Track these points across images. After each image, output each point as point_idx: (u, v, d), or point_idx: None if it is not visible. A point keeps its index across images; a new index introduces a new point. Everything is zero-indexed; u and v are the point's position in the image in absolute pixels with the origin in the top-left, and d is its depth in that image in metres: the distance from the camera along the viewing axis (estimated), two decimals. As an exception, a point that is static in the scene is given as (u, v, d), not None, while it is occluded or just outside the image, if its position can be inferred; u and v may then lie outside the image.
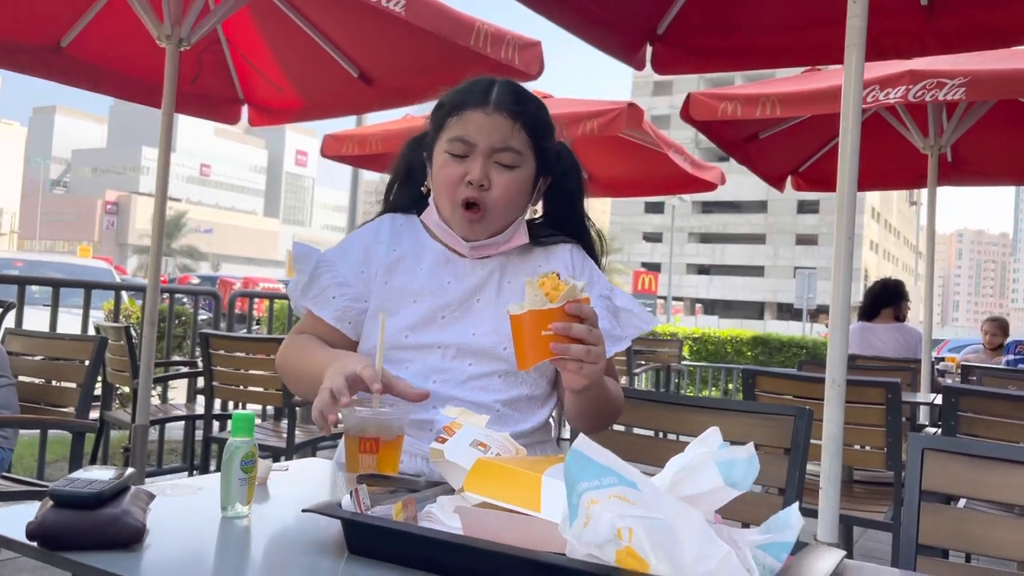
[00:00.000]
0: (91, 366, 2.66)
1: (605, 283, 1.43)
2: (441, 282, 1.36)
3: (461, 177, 1.31)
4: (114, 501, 0.82)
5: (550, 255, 1.42)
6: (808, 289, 24.67)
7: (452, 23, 3.26)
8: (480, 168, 1.30)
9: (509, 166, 1.33)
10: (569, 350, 1.07)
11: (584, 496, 0.65)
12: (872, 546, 4.11)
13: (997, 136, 5.00)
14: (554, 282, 1.07)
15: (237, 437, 0.97)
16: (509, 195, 1.33)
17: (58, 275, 8.91)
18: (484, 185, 1.31)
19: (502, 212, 1.35)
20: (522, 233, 1.40)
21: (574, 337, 1.07)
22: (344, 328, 1.36)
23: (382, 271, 1.37)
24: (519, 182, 1.34)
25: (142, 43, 3.59)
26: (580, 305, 1.08)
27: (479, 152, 1.31)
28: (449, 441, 0.97)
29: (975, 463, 1.22)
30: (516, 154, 1.33)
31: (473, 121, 1.31)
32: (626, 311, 1.40)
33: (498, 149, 1.31)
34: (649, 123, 5.29)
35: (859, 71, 2.30)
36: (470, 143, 1.31)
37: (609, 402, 1.33)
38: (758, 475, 1.62)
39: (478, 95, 1.33)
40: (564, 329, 1.06)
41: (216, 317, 5.36)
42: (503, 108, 1.32)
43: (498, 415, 1.31)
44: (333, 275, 1.36)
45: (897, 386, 2.77)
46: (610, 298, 1.41)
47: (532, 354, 1.07)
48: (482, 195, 1.31)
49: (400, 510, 0.82)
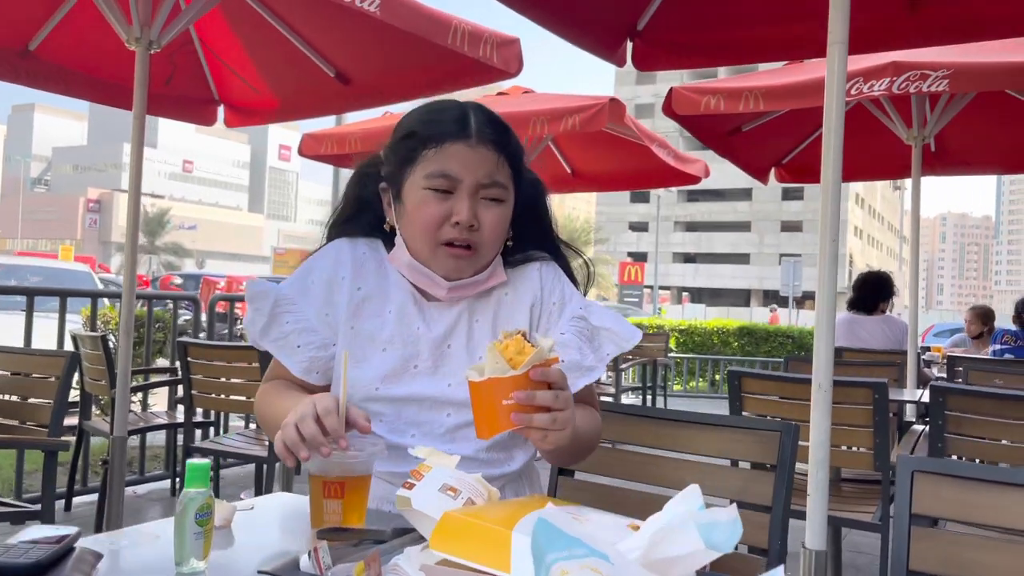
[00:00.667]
0: (62, 383, 2.59)
1: (580, 301, 1.34)
2: (411, 328, 1.27)
3: (445, 217, 1.21)
4: (54, 569, 0.77)
5: (517, 282, 1.33)
6: (793, 277, 24.74)
7: (428, 22, 3.20)
8: (468, 208, 1.21)
9: (496, 200, 1.24)
10: (532, 420, 1.01)
11: (554, 567, 0.61)
12: (861, 541, 4.10)
13: (979, 126, 5.01)
14: (519, 345, 1.00)
15: (191, 488, 0.91)
16: (497, 233, 1.25)
17: (37, 278, 8.80)
18: (473, 225, 1.22)
19: (490, 251, 1.27)
20: (500, 271, 1.31)
21: (539, 405, 1.01)
22: (312, 379, 1.28)
23: (347, 314, 1.28)
24: (505, 217, 1.27)
25: (112, 45, 3.51)
26: (546, 370, 1.02)
27: (465, 189, 1.21)
28: (417, 487, 0.92)
29: (966, 485, 1.18)
30: (502, 188, 1.25)
31: (456, 155, 1.21)
32: (605, 330, 1.31)
33: (485, 185, 1.22)
34: (631, 117, 5.24)
35: (842, 68, 2.26)
36: (455, 179, 1.21)
37: (582, 447, 1.28)
38: (744, 492, 1.60)
39: (455, 125, 1.23)
40: (527, 398, 1.00)
41: (196, 322, 5.28)
42: (486, 140, 1.23)
43: (483, 463, 1.25)
44: (296, 318, 1.26)
45: (884, 387, 2.75)
46: (586, 317, 1.31)
47: (492, 424, 1.01)
48: (471, 236, 1.22)
49: (361, 570, 0.77)
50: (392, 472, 1.22)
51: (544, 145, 5.94)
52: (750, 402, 3.00)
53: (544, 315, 1.32)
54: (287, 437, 1.02)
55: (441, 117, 1.25)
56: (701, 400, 10.45)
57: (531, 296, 1.32)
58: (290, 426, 1.02)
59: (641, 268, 29.33)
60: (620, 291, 29.56)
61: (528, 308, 1.31)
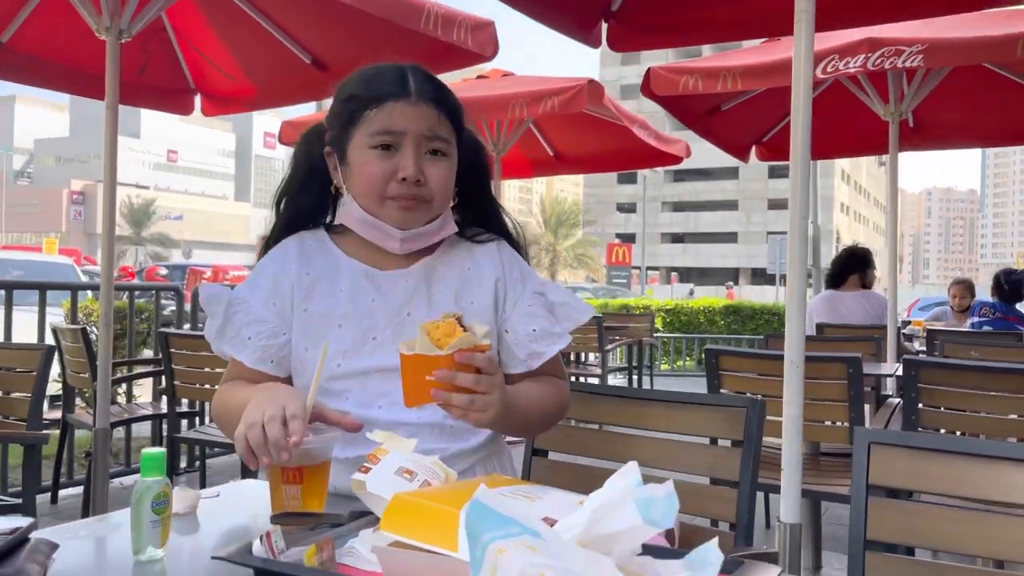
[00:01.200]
0: (39, 377, 2.59)
1: (536, 279, 1.38)
2: (365, 301, 1.29)
3: (391, 173, 1.24)
4: (7, 560, 0.78)
5: (476, 256, 1.36)
6: (780, 254, 24.81)
7: (401, 6, 3.18)
8: (414, 162, 1.23)
9: (440, 154, 1.27)
10: (450, 398, 1.07)
11: (490, 546, 0.62)
12: (843, 514, 4.15)
13: (956, 100, 5.03)
14: (450, 328, 1.05)
15: (148, 477, 0.92)
16: (444, 185, 1.28)
17: (18, 272, 8.74)
18: (420, 180, 1.24)
19: (440, 204, 1.30)
20: (450, 223, 1.34)
21: (459, 386, 1.06)
22: (267, 368, 1.28)
23: (299, 298, 1.29)
24: (451, 170, 1.30)
25: (84, 35, 3.48)
26: (471, 355, 1.07)
27: (409, 142, 1.24)
28: (373, 470, 0.93)
29: (922, 456, 1.20)
30: (445, 142, 1.28)
31: (397, 112, 1.24)
32: (562, 304, 1.35)
33: (428, 137, 1.25)
34: (611, 99, 5.24)
35: (808, 43, 2.26)
36: (397, 134, 1.24)
37: (532, 420, 1.32)
38: (714, 468, 1.62)
39: (395, 85, 1.25)
40: (448, 378, 1.06)
41: (179, 313, 5.27)
42: (426, 97, 1.26)
43: (451, 431, 1.27)
44: (246, 313, 1.28)
45: (858, 361, 2.78)
46: (544, 294, 1.36)
47: (416, 395, 1.08)
48: (420, 191, 1.25)
49: (313, 553, 0.78)
50: (358, 456, 1.23)
51: (525, 128, 5.94)
52: (728, 379, 3.02)
53: (510, 290, 1.35)
54: (252, 438, 1.02)
55: (381, 79, 1.27)
56: (688, 379, 10.51)
57: (494, 271, 1.35)
58: (256, 426, 1.02)
59: (629, 249, 29.40)
60: (608, 272, 29.62)
61: (493, 282, 1.34)
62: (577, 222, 57.80)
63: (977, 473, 1.18)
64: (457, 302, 1.31)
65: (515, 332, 1.33)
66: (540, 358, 1.33)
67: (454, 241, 1.37)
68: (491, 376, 1.10)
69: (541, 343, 1.32)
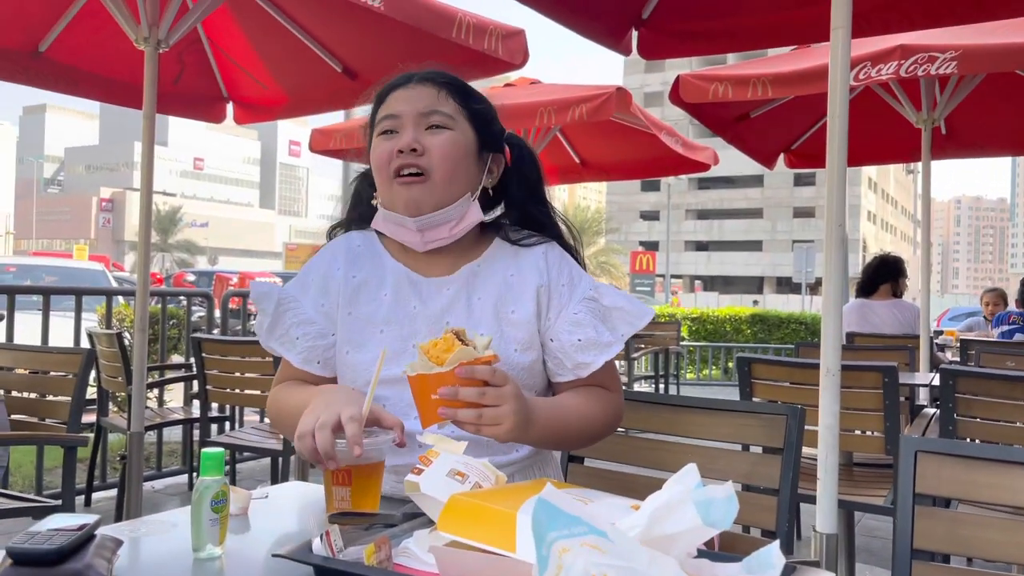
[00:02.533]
0: (79, 380, 2.64)
1: (589, 282, 1.33)
2: (407, 308, 1.29)
3: (392, 150, 1.26)
4: (76, 555, 0.80)
5: (520, 261, 1.33)
6: (806, 263, 24.63)
7: (432, 15, 3.21)
8: (411, 135, 1.25)
9: (441, 127, 1.27)
10: (457, 415, 1.06)
11: (555, 545, 0.63)
12: (875, 525, 4.11)
13: (990, 107, 4.97)
14: (447, 343, 1.06)
15: (207, 476, 0.94)
16: (447, 155, 1.26)
17: (52, 278, 8.89)
18: (416, 149, 1.25)
19: (445, 177, 1.26)
20: (475, 209, 1.31)
21: (463, 401, 1.05)
22: (314, 368, 1.30)
23: (343, 301, 1.31)
24: (455, 143, 1.27)
25: (122, 45, 3.54)
26: (472, 368, 1.05)
27: (407, 120, 1.27)
28: (425, 472, 0.94)
29: (969, 464, 1.20)
30: (446, 116, 1.28)
31: (396, 98, 1.29)
32: (617, 309, 1.30)
33: (426, 113, 1.27)
34: (638, 106, 5.24)
35: (845, 52, 2.26)
36: (396, 116, 1.28)
37: (571, 433, 1.29)
38: (752, 476, 1.62)
39: (399, 79, 1.32)
40: (450, 394, 1.05)
41: (209, 319, 5.33)
42: (425, 80, 1.30)
43: (487, 444, 1.23)
44: (296, 313, 1.30)
45: (894, 370, 2.75)
46: (596, 299, 1.31)
47: (427, 416, 1.07)
48: (418, 160, 1.25)
49: (372, 552, 0.80)
50: (405, 463, 1.23)
51: (552, 135, 5.95)
52: (760, 388, 3.01)
53: (555, 296, 1.31)
54: (303, 449, 1.05)
55: (390, 79, 1.34)
56: (714, 388, 10.44)
57: (537, 278, 1.31)
58: (306, 436, 1.05)
59: (652, 257, 29.28)
60: (632, 280, 29.52)
61: (534, 290, 1.30)
62: (600, 230, 57.70)
63: (1023, 482, 1.17)
64: (496, 312, 1.29)
65: (559, 342, 1.29)
66: (587, 369, 1.29)
67: (500, 245, 1.35)
68: (498, 388, 1.07)
69: (587, 353, 1.28)
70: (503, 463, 1.27)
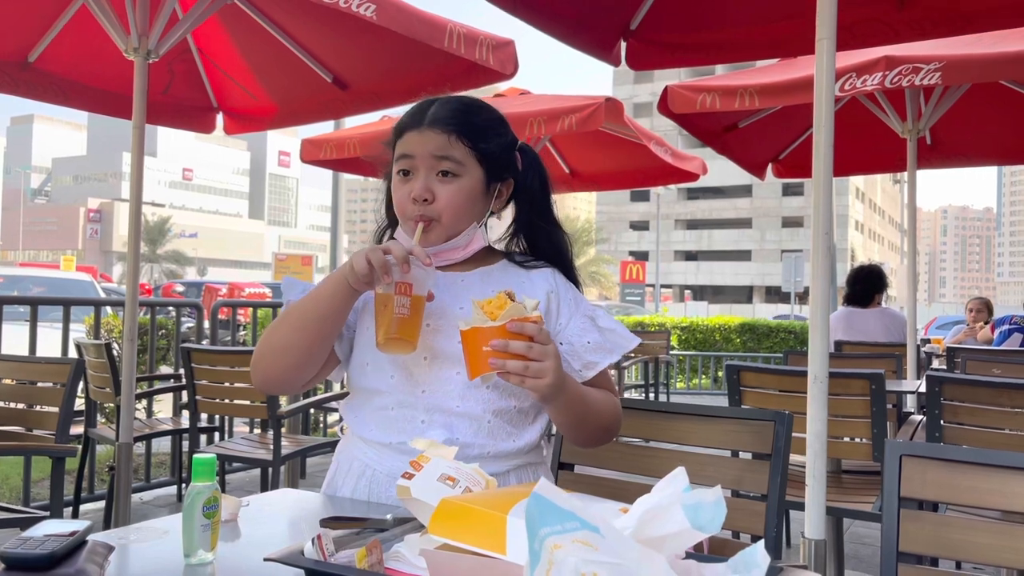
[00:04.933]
0: (68, 390, 2.63)
1: (587, 305, 1.46)
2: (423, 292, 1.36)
3: (408, 194, 1.37)
4: (68, 560, 0.80)
5: (532, 277, 1.44)
6: (795, 272, 24.74)
7: (424, 25, 3.22)
8: (421, 183, 1.35)
9: (451, 174, 1.36)
10: (506, 365, 1.15)
11: (547, 541, 0.64)
12: (864, 532, 4.13)
13: (974, 118, 5.03)
14: (500, 301, 1.16)
15: (198, 482, 0.94)
16: (454, 204, 1.37)
17: (40, 288, 8.84)
18: (428, 199, 1.35)
19: (451, 222, 1.38)
20: (479, 237, 1.43)
21: (512, 353, 1.15)
22: None
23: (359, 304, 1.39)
24: (463, 190, 1.37)
25: (111, 55, 3.54)
26: (522, 324, 1.15)
27: (419, 165, 1.37)
28: (416, 477, 0.94)
29: (954, 468, 1.21)
30: (456, 163, 1.36)
31: (410, 139, 1.38)
32: (610, 331, 1.42)
33: (438, 157, 1.36)
34: (628, 116, 5.27)
35: (831, 63, 2.28)
36: (411, 156, 1.37)
37: (590, 414, 1.36)
38: (741, 482, 1.63)
39: (417, 115, 1.40)
40: (501, 346, 1.14)
41: (199, 329, 5.31)
42: (435, 123, 1.37)
43: (489, 427, 1.33)
44: None
45: (881, 377, 2.77)
46: (593, 319, 1.43)
47: (477, 367, 1.17)
48: (428, 209, 1.35)
49: (363, 556, 0.80)
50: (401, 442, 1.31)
51: (541, 146, 5.97)
52: (749, 396, 3.02)
53: (564, 304, 1.43)
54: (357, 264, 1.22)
55: (412, 110, 1.42)
56: (704, 397, 10.46)
57: (547, 286, 1.43)
58: (361, 255, 1.22)
59: (642, 267, 29.33)
60: (622, 290, 29.58)
61: (545, 294, 1.41)
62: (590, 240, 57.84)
63: (1007, 485, 1.19)
64: None
65: (570, 344, 1.39)
66: (594, 368, 1.39)
67: (508, 265, 1.46)
68: (543, 344, 1.17)
69: (596, 354, 1.39)
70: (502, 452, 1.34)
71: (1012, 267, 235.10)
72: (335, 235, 10.36)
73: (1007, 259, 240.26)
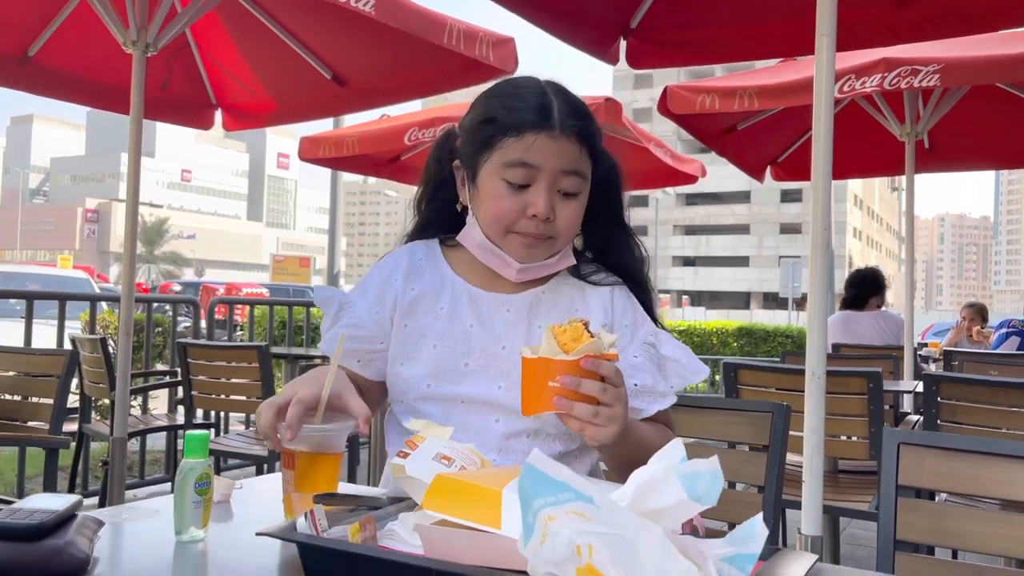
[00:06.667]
0: (62, 381, 2.62)
1: (649, 328, 1.29)
2: (464, 325, 1.25)
3: (520, 211, 1.18)
4: (57, 532, 0.79)
5: (587, 297, 1.28)
6: (793, 278, 24.76)
7: (424, 21, 3.22)
8: (545, 200, 1.17)
9: (573, 193, 1.20)
10: (573, 408, 0.98)
11: (540, 513, 0.63)
12: (860, 534, 4.12)
13: (973, 121, 5.03)
14: (576, 332, 0.99)
15: (191, 458, 0.94)
16: (573, 226, 1.23)
17: (35, 286, 8.82)
18: (550, 218, 1.18)
19: (564, 243, 1.25)
20: (568, 254, 1.28)
21: (584, 394, 0.98)
22: (352, 366, 1.25)
23: (399, 313, 1.27)
24: (582, 209, 1.23)
25: (110, 50, 3.54)
26: (598, 362, 0.98)
27: (544, 179, 1.17)
28: (411, 455, 0.94)
29: (951, 456, 1.20)
30: (582, 180, 1.20)
31: (537, 145, 1.16)
32: (673, 361, 1.26)
33: (565, 173, 1.18)
34: (628, 118, 5.26)
35: (830, 59, 2.28)
36: (533, 167, 1.17)
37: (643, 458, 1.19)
38: (738, 473, 1.62)
39: (537, 113, 1.18)
40: (572, 384, 0.97)
41: (195, 325, 5.30)
42: (570, 131, 1.18)
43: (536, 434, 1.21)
44: (351, 316, 1.27)
45: (878, 376, 2.77)
46: (655, 345, 1.27)
47: (536, 403, 1.00)
48: (547, 229, 1.19)
49: (357, 531, 0.79)
50: None
51: (540, 146, 5.96)
52: (746, 394, 3.02)
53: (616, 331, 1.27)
54: (257, 423, 1.04)
55: (522, 104, 1.20)
56: (701, 401, 10.44)
57: (601, 317, 1.27)
58: (260, 412, 1.03)
59: (640, 271, 29.30)
60: (619, 295, 29.55)
61: (599, 325, 1.26)
62: (588, 245, 57.79)
63: (1003, 474, 1.18)
64: None
65: None
66: (638, 415, 1.22)
67: (567, 277, 1.30)
68: (616, 388, 1.01)
69: (642, 399, 1.22)
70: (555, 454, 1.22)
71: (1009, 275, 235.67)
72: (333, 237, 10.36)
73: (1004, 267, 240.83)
